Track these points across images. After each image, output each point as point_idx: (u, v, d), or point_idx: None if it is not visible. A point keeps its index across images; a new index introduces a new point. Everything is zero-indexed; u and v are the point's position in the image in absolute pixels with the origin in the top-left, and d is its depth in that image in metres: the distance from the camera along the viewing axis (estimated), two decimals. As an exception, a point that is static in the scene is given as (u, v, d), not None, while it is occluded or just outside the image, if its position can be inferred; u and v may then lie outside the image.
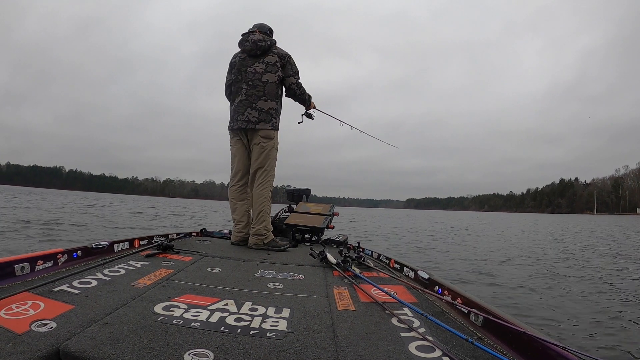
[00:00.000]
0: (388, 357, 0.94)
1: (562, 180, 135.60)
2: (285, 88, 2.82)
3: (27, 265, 1.41)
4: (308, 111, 2.99)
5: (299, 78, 2.82)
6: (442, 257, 6.12)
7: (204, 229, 3.17)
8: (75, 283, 1.34)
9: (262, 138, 2.68)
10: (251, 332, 1.03)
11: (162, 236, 2.49)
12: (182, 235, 2.83)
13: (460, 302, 1.35)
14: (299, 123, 3.05)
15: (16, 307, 1.06)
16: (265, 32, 2.79)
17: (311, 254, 2.14)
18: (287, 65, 2.77)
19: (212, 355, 0.88)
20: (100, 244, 1.88)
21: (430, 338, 1.05)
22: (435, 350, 0.99)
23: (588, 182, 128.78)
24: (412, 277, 1.85)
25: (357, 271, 1.80)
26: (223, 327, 1.05)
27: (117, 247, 2.03)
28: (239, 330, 1.04)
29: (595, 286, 4.07)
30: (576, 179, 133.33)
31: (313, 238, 3.22)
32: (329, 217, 3.31)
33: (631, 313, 2.99)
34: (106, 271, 1.54)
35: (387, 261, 2.28)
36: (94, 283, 1.37)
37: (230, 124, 2.77)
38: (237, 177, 2.80)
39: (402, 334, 1.09)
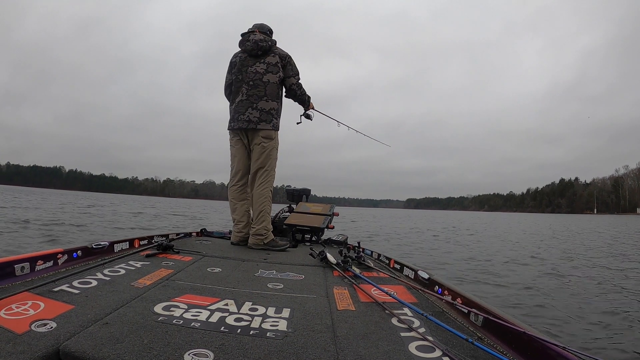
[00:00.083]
0: (388, 357, 0.94)
1: (562, 180, 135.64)
2: (285, 89, 2.82)
3: (27, 265, 1.41)
4: (307, 112, 3.00)
5: (299, 79, 2.83)
6: (447, 258, 6.08)
7: (204, 229, 3.17)
8: (75, 283, 1.34)
9: (263, 138, 2.67)
10: (251, 332, 1.03)
11: (162, 236, 2.49)
12: (182, 235, 2.83)
13: (460, 302, 1.35)
14: (298, 123, 3.06)
15: (16, 307, 1.06)
16: (265, 32, 2.79)
17: (311, 254, 2.14)
18: (288, 65, 2.77)
19: (212, 355, 0.88)
20: (100, 244, 1.88)
21: (430, 338, 1.05)
22: (435, 350, 0.99)
23: (588, 182, 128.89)
24: (412, 277, 1.85)
25: (357, 271, 1.80)
26: (223, 327, 1.05)
27: (117, 247, 2.03)
28: (239, 330, 1.04)
29: (601, 286, 4.05)
30: (576, 179, 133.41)
31: (313, 238, 3.22)
32: (329, 217, 3.31)
33: (638, 313, 2.97)
34: (106, 271, 1.54)
35: (387, 261, 2.28)
36: (94, 283, 1.37)
37: (230, 124, 2.76)
38: (237, 177, 2.80)
39: (402, 334, 1.09)
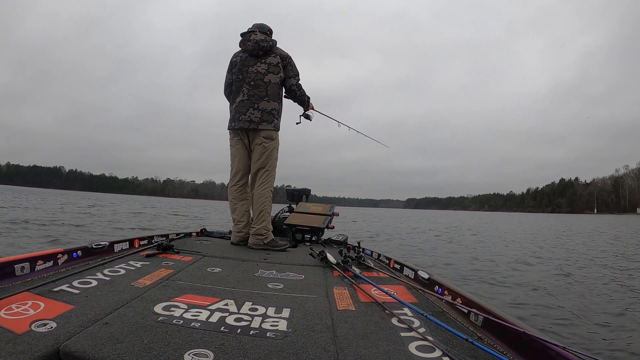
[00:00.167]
0: (388, 357, 0.94)
1: (562, 180, 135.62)
2: (285, 89, 2.83)
3: (27, 265, 1.41)
4: (306, 112, 3.01)
5: (299, 79, 2.83)
6: (452, 258, 6.05)
7: (204, 229, 3.17)
8: (75, 283, 1.34)
9: (265, 138, 2.67)
10: (251, 332, 1.03)
11: (162, 236, 2.49)
12: (182, 235, 2.83)
13: (460, 302, 1.35)
14: (297, 124, 3.06)
15: (16, 307, 1.06)
16: (265, 32, 2.79)
17: (311, 254, 2.14)
18: (288, 66, 2.77)
19: (212, 355, 0.88)
20: (100, 244, 1.88)
21: (430, 338, 1.05)
22: (435, 350, 0.99)
23: (588, 182, 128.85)
24: (412, 277, 1.85)
25: (357, 271, 1.80)
26: (223, 327, 1.05)
27: (117, 247, 2.03)
28: (239, 330, 1.04)
29: (606, 286, 4.04)
30: (576, 179, 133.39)
31: (313, 238, 3.22)
32: (329, 217, 3.31)
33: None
34: (106, 271, 1.54)
35: (387, 261, 2.28)
36: (94, 283, 1.37)
37: (231, 124, 2.76)
38: (237, 177, 2.79)
39: (402, 334, 1.09)
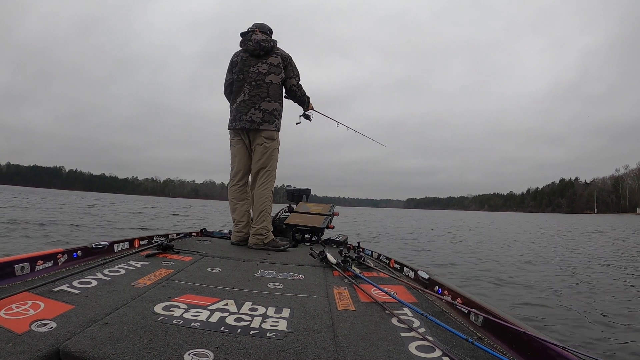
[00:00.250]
0: (388, 357, 0.94)
1: (563, 180, 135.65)
2: (285, 89, 2.82)
3: (27, 265, 1.41)
4: (306, 112, 3.01)
5: (300, 80, 2.83)
6: (460, 259, 6.02)
7: (204, 229, 3.17)
8: (75, 283, 1.34)
9: (266, 139, 2.67)
10: (251, 332, 1.03)
11: (162, 236, 2.49)
12: (182, 235, 2.83)
13: (460, 302, 1.35)
14: (297, 124, 3.07)
15: (16, 307, 1.06)
16: (265, 32, 2.78)
17: (311, 254, 2.14)
18: (289, 66, 2.77)
19: (212, 355, 0.88)
20: (100, 244, 1.88)
21: (430, 338, 1.05)
22: (435, 350, 0.99)
23: (588, 182, 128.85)
24: (412, 277, 1.85)
25: (357, 271, 1.80)
26: (223, 327, 1.05)
27: (117, 247, 2.03)
28: (239, 330, 1.04)
29: (612, 286, 4.03)
30: (576, 179, 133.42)
31: (313, 238, 3.22)
32: (329, 217, 3.31)
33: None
34: (106, 271, 1.54)
35: (387, 261, 2.28)
36: (94, 283, 1.37)
37: (231, 124, 2.75)
38: (238, 177, 2.79)
39: (402, 334, 1.09)
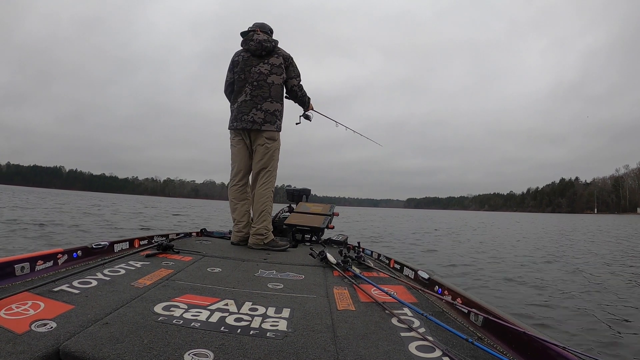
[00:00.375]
0: (388, 357, 0.94)
1: (563, 179, 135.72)
2: (286, 90, 2.82)
3: (27, 265, 1.41)
4: (306, 112, 3.01)
5: (301, 80, 2.83)
6: (470, 259, 5.99)
7: (204, 229, 3.17)
8: (75, 283, 1.34)
9: (267, 139, 2.67)
10: (251, 332, 1.03)
11: (162, 236, 2.48)
12: (182, 235, 2.83)
13: (460, 302, 1.35)
14: (297, 124, 3.07)
15: (16, 307, 1.06)
16: (266, 32, 2.78)
17: (311, 254, 2.14)
18: (290, 67, 2.77)
19: (212, 355, 0.88)
20: (100, 244, 1.88)
21: (430, 338, 1.05)
22: (435, 350, 0.99)
23: (588, 182, 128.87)
24: (412, 277, 1.85)
25: (357, 271, 1.80)
26: (223, 327, 1.05)
27: (117, 247, 2.03)
28: (239, 330, 1.04)
29: (617, 286, 4.02)
30: (576, 179, 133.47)
31: (313, 238, 3.22)
32: (329, 217, 3.31)
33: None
34: (106, 271, 1.54)
35: (387, 261, 2.28)
36: (94, 283, 1.37)
37: (232, 124, 2.74)
38: (238, 177, 2.79)
39: (402, 334, 1.09)
